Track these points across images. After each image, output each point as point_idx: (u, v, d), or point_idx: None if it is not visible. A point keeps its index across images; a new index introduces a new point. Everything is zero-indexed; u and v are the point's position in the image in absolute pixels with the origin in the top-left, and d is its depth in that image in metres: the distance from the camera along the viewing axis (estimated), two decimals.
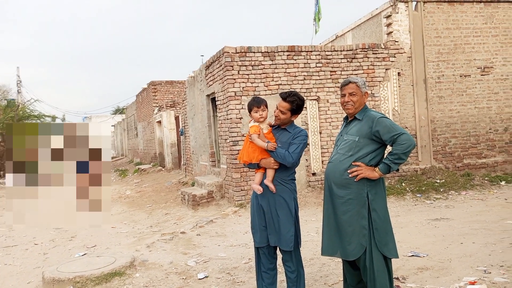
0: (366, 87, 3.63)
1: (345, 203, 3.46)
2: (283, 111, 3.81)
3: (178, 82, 22.75)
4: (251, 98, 3.96)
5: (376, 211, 3.45)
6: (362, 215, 3.42)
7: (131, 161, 28.27)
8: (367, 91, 3.64)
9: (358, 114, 3.59)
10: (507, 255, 4.95)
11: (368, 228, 3.42)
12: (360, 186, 3.44)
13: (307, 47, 9.68)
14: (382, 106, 10.02)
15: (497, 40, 10.87)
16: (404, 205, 8.54)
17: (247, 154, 3.88)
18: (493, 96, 10.86)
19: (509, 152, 10.93)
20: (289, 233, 3.74)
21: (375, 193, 3.47)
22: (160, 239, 6.91)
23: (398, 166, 3.47)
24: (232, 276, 4.97)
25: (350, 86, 3.58)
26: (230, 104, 9.12)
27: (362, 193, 3.44)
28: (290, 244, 3.73)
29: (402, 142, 3.35)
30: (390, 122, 3.45)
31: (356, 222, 3.43)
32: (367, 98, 3.64)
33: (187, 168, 14.54)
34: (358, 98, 3.56)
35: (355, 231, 3.43)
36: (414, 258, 5.13)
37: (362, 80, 3.64)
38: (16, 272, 5.97)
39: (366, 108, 3.64)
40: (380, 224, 3.44)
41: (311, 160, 9.59)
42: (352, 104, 3.57)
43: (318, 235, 6.42)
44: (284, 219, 3.76)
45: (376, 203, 3.46)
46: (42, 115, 27.96)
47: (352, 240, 3.43)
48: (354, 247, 3.43)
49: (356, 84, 3.57)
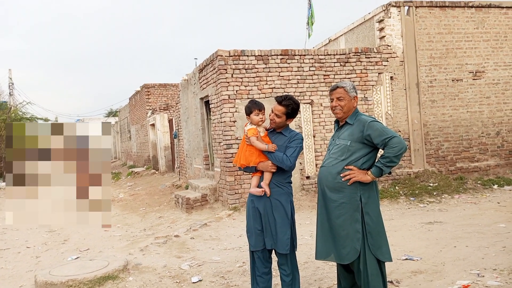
0: (355, 91, 3.64)
1: (338, 207, 3.48)
2: (278, 114, 3.82)
3: (172, 85, 22.72)
4: (250, 101, 3.94)
5: (369, 215, 3.46)
6: (355, 219, 3.44)
7: (124, 164, 28.17)
8: (356, 95, 3.64)
9: (349, 118, 3.61)
10: (500, 259, 4.98)
11: (362, 232, 3.43)
12: (353, 190, 3.46)
13: (301, 51, 9.71)
14: (375, 110, 10.07)
15: (488, 45, 10.97)
16: (398, 209, 8.57)
17: (245, 158, 3.87)
18: (485, 101, 10.95)
19: (501, 156, 11.02)
20: (286, 236, 3.75)
21: (368, 197, 3.49)
22: (154, 243, 6.88)
23: (390, 169, 3.49)
24: (226, 280, 4.96)
25: (338, 91, 3.61)
26: (224, 107, 9.12)
27: (355, 196, 3.46)
28: (286, 247, 3.74)
29: (393, 145, 3.38)
30: (381, 126, 3.48)
31: (350, 226, 3.44)
32: (356, 102, 3.64)
33: (181, 171, 14.51)
34: (346, 103, 3.58)
35: (349, 235, 3.44)
36: (408, 262, 5.14)
37: (351, 85, 3.64)
38: (8, 276, 5.92)
39: (357, 112, 3.65)
40: (373, 228, 3.46)
41: (305, 164, 9.61)
42: (340, 109, 3.60)
43: (312, 239, 6.42)
44: (281, 222, 3.76)
45: (369, 207, 3.48)
46: (34, 118, 27.85)
47: (346, 243, 3.44)
48: (348, 251, 3.44)
49: (344, 88, 3.59)
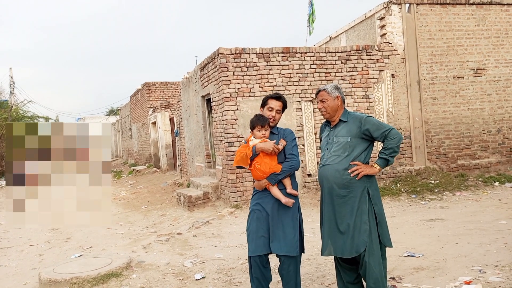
0: (338, 91, 3.79)
1: (347, 202, 3.59)
2: (279, 110, 3.96)
3: (173, 83, 22.70)
4: (255, 116, 3.94)
5: (378, 205, 3.64)
6: (363, 211, 3.56)
7: (125, 162, 28.19)
8: (339, 95, 3.77)
9: (342, 116, 3.77)
10: (501, 255, 5.00)
11: (369, 223, 3.55)
12: (361, 184, 3.60)
13: (302, 49, 9.72)
14: (376, 107, 10.09)
15: (489, 42, 10.97)
16: (399, 206, 8.60)
17: (263, 172, 3.80)
18: (486, 98, 10.96)
19: (502, 153, 11.03)
20: (295, 237, 3.74)
21: (375, 189, 3.68)
22: (156, 240, 6.91)
23: (394, 156, 3.68)
24: (229, 277, 4.99)
25: (320, 94, 3.81)
26: (225, 105, 9.14)
27: (364, 190, 3.60)
28: (296, 249, 3.73)
29: (393, 137, 3.59)
30: (377, 121, 3.69)
31: (359, 218, 3.56)
32: (340, 101, 3.77)
33: (183, 169, 14.54)
34: (329, 103, 3.76)
35: (356, 227, 3.55)
36: (410, 258, 5.17)
37: (333, 86, 3.81)
38: (12, 274, 5.96)
39: (347, 111, 3.83)
40: (381, 217, 3.64)
41: (307, 161, 9.63)
42: (324, 110, 3.79)
43: (314, 236, 6.45)
44: (290, 223, 3.76)
45: (377, 198, 3.67)
46: (35, 116, 27.86)
47: (355, 236, 3.54)
48: (357, 243, 3.53)
49: (325, 91, 3.77)
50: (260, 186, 3.85)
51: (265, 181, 3.80)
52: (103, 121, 40.89)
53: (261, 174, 3.80)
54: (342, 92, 3.82)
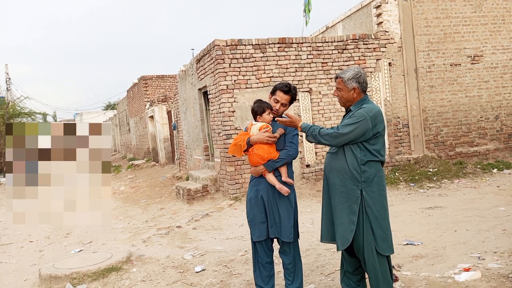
0: (356, 82, 3.46)
1: (339, 195, 3.47)
2: (284, 103, 3.88)
3: (169, 76, 22.60)
4: (259, 101, 3.95)
5: (371, 208, 3.43)
6: (352, 211, 3.41)
7: (124, 157, 28.19)
8: (356, 86, 3.46)
9: (353, 106, 3.53)
10: (500, 242, 5.02)
11: (362, 224, 3.43)
12: (354, 182, 3.42)
13: (298, 39, 9.67)
14: (374, 96, 10.06)
15: (486, 29, 10.93)
16: (398, 195, 8.61)
17: (261, 158, 3.80)
18: (484, 85, 10.94)
19: (500, 140, 11.04)
20: (289, 224, 3.79)
21: (372, 191, 3.43)
22: (156, 234, 6.92)
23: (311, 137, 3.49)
24: (229, 269, 5.00)
25: (337, 81, 3.54)
26: (222, 98, 9.11)
27: (355, 189, 3.41)
28: (290, 235, 3.78)
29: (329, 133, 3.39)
30: (355, 118, 3.37)
31: (346, 215, 3.43)
32: (356, 93, 3.48)
33: (181, 162, 14.53)
34: (343, 94, 3.51)
35: (342, 224, 3.44)
36: (409, 247, 5.18)
37: (352, 75, 3.47)
38: (13, 270, 5.96)
39: (364, 101, 3.51)
40: (377, 223, 3.45)
41: (305, 152, 9.62)
42: (339, 99, 3.59)
43: (313, 226, 6.46)
44: (284, 210, 3.80)
45: (372, 201, 3.43)
46: (32, 113, 27.80)
47: (339, 231, 3.47)
48: (340, 239, 3.46)
49: (342, 79, 3.49)
50: (256, 173, 3.86)
51: (262, 167, 3.81)
52: (100, 116, 40.82)
53: (258, 160, 3.81)
54: (362, 81, 3.48)
